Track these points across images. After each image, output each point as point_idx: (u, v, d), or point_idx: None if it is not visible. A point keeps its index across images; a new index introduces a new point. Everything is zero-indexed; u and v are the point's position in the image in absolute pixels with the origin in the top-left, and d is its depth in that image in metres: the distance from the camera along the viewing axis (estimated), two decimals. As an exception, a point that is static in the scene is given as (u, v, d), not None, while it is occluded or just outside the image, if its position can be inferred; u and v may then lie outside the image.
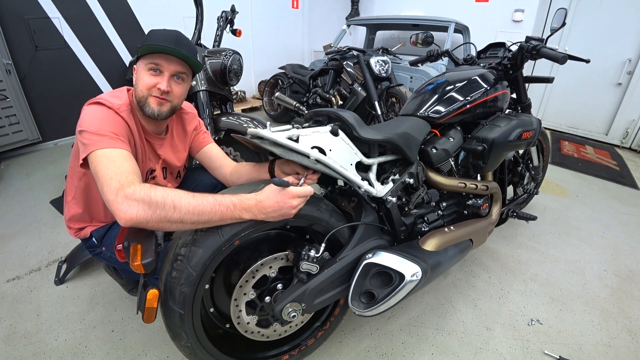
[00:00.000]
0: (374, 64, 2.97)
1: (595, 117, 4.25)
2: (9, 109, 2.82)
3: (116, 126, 0.95)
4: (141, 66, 1.03)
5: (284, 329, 1.13)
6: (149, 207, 0.75)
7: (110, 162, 0.85)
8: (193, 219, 0.79)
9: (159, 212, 0.76)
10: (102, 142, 0.89)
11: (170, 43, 0.99)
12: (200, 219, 0.80)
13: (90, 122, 0.93)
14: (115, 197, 0.76)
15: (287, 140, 0.91)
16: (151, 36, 1.01)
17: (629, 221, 2.37)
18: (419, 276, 1.04)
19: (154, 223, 0.76)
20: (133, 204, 0.75)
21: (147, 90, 1.02)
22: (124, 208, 0.74)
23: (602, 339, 1.42)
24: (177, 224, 0.78)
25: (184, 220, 0.78)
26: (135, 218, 0.74)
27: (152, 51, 0.99)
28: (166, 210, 0.76)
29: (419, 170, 1.25)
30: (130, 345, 1.30)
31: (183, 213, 0.78)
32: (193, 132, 1.31)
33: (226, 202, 0.83)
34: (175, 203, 0.77)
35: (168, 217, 0.77)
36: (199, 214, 0.79)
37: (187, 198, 0.79)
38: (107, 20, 3.32)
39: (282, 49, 5.30)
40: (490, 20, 4.40)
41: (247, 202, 0.85)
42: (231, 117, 1.89)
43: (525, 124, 1.45)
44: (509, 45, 1.70)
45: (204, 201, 0.80)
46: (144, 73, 1.02)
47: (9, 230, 1.95)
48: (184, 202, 0.78)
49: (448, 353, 1.33)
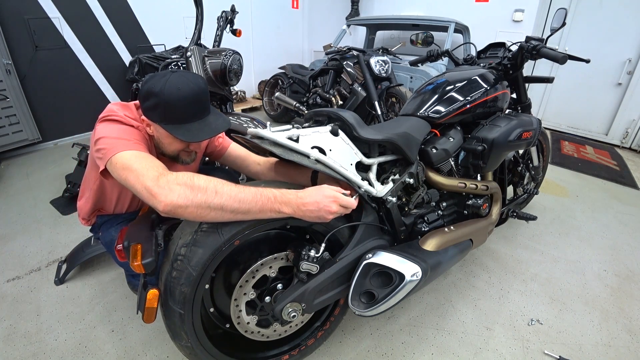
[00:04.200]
0: (374, 64, 2.97)
1: (595, 117, 4.25)
2: (9, 109, 2.82)
3: (137, 136, 0.94)
4: (163, 132, 0.97)
5: (284, 329, 1.13)
6: (191, 190, 0.74)
7: (141, 158, 0.84)
8: (234, 206, 0.78)
9: (200, 196, 0.74)
10: (126, 145, 0.87)
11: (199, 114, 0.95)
12: (241, 207, 0.79)
13: (109, 131, 0.91)
14: (155, 182, 0.74)
15: (287, 140, 0.91)
16: (173, 108, 0.91)
17: (629, 221, 2.37)
18: (419, 276, 1.04)
19: (193, 208, 0.74)
20: (175, 188, 0.73)
21: (178, 152, 1.05)
22: (165, 192, 0.73)
23: (602, 339, 1.42)
24: (216, 210, 0.77)
25: (224, 206, 0.77)
26: (176, 202, 0.72)
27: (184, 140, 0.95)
28: (207, 195, 0.75)
29: (419, 170, 1.25)
30: (130, 345, 1.30)
31: (224, 199, 0.76)
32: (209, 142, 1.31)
33: (267, 193, 0.83)
34: (217, 188, 0.77)
35: (209, 202, 0.75)
36: (240, 202, 0.78)
37: (229, 185, 0.79)
38: (107, 20, 3.33)
39: (282, 49, 5.30)
40: (490, 20, 4.40)
41: (287, 196, 0.85)
42: (231, 117, 1.89)
43: (525, 124, 1.45)
44: (509, 45, 1.70)
45: (245, 190, 0.80)
46: (171, 139, 0.99)
47: (9, 230, 1.95)
48: (226, 189, 0.78)
49: (448, 353, 1.33)
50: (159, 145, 1.05)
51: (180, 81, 0.91)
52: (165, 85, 0.90)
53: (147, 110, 0.95)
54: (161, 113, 0.92)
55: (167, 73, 0.93)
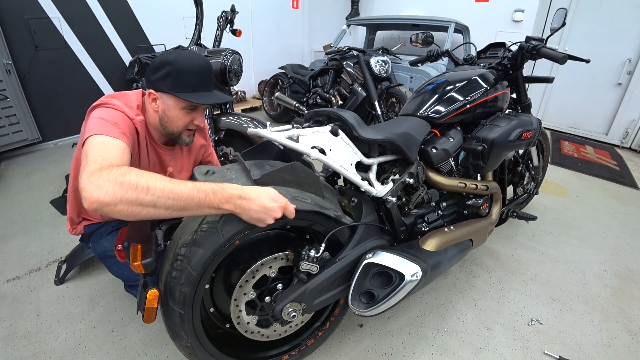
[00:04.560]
0: (374, 64, 2.97)
1: (595, 117, 4.25)
2: (9, 109, 2.82)
3: (124, 124, 0.94)
4: (172, 103, 1.01)
5: (284, 329, 1.13)
6: (120, 187, 0.68)
7: (104, 146, 0.81)
8: (167, 203, 0.72)
9: (130, 193, 0.69)
10: (104, 128, 0.86)
11: (206, 85, 1.03)
12: (176, 204, 0.73)
13: (99, 114, 0.92)
14: (88, 176, 0.69)
15: (287, 140, 0.91)
16: (184, 75, 0.98)
17: (629, 221, 2.37)
18: (419, 276, 1.04)
19: (123, 206, 0.68)
20: (103, 185, 0.68)
21: (183, 127, 1.06)
22: (92, 188, 0.67)
23: (602, 339, 1.42)
24: (149, 208, 0.71)
25: (157, 203, 0.71)
26: (103, 199, 0.66)
27: (195, 102, 1.00)
28: (138, 192, 0.69)
29: (419, 170, 1.25)
30: (130, 345, 1.30)
31: (156, 196, 0.71)
32: (201, 149, 1.32)
33: (205, 188, 0.76)
34: (149, 184, 0.71)
35: (140, 200, 0.69)
36: (174, 199, 0.72)
37: (164, 181, 0.73)
38: (107, 20, 3.33)
39: (282, 49, 5.30)
40: (490, 20, 4.39)
41: (229, 192, 0.78)
42: (231, 117, 1.89)
43: (525, 124, 1.45)
44: (509, 45, 1.70)
45: (181, 185, 0.74)
46: (178, 111, 1.02)
47: (9, 230, 1.95)
48: (159, 184, 0.72)
49: (448, 353, 1.33)
50: (162, 123, 1.05)
51: (191, 54, 1.01)
52: (179, 55, 0.98)
53: (157, 81, 0.99)
54: (173, 81, 0.97)
55: (178, 49, 1.00)
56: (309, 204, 0.94)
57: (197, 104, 1.02)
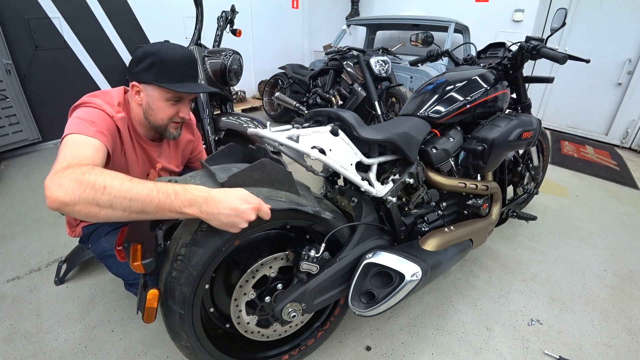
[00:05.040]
0: (374, 64, 2.97)
1: (595, 117, 4.25)
2: (9, 109, 2.82)
3: (103, 122, 0.93)
4: (157, 94, 1.00)
5: (284, 329, 1.13)
6: (79, 186, 0.65)
7: (76, 145, 0.80)
8: (124, 204, 0.67)
9: (88, 192, 0.65)
10: (80, 127, 0.86)
11: (191, 76, 1.02)
12: (133, 205, 0.67)
13: (78, 113, 0.92)
14: (52, 175, 0.67)
15: (287, 140, 0.91)
16: (168, 66, 0.97)
17: (629, 221, 2.37)
18: (419, 276, 1.04)
19: (81, 206, 0.65)
20: (64, 183, 0.65)
21: (168, 119, 1.05)
22: (53, 187, 0.65)
23: (602, 339, 1.42)
24: (106, 209, 0.66)
25: (113, 204, 0.66)
26: (62, 199, 0.64)
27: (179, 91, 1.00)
28: (95, 191, 0.65)
29: (419, 170, 1.25)
30: (130, 345, 1.30)
31: (113, 196, 0.66)
32: (189, 144, 1.31)
33: (167, 189, 0.70)
34: (106, 183, 0.66)
35: (96, 200, 0.65)
36: (131, 200, 0.67)
37: (122, 180, 0.69)
38: (107, 20, 3.33)
39: (282, 49, 5.30)
40: (490, 20, 4.40)
41: (194, 194, 0.72)
42: (231, 117, 1.89)
43: (525, 124, 1.45)
44: (509, 45, 1.70)
45: (140, 185, 0.69)
46: (162, 103, 1.01)
47: (9, 230, 1.95)
48: (117, 183, 0.67)
49: (448, 353, 1.33)
50: (147, 116, 1.04)
51: (175, 45, 1.02)
52: (162, 46, 0.98)
53: (141, 72, 0.98)
54: (157, 72, 0.96)
55: (161, 42, 1.03)
56: (285, 202, 0.88)
57: (182, 93, 1.01)
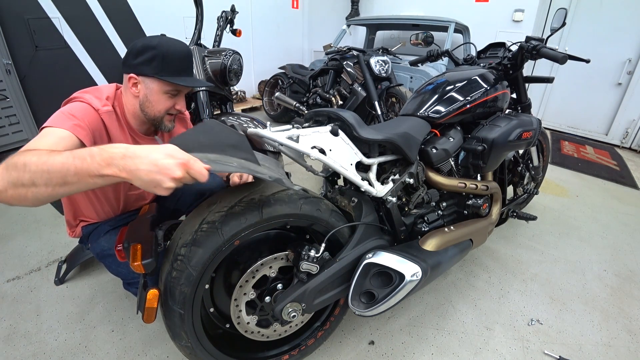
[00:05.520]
0: (374, 64, 2.97)
1: (595, 117, 4.25)
2: (9, 109, 2.82)
3: (85, 116, 0.94)
4: (156, 87, 1.01)
5: (284, 329, 1.13)
6: (6, 170, 0.62)
7: (41, 137, 0.80)
8: (44, 178, 0.62)
9: (13, 175, 0.62)
10: (55, 120, 0.87)
11: (189, 70, 1.04)
12: (52, 178, 0.62)
13: (62, 108, 0.93)
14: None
15: (287, 140, 0.91)
16: (169, 59, 0.98)
17: (629, 221, 2.37)
18: (419, 276, 1.04)
19: (12, 191, 0.62)
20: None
21: (165, 112, 1.06)
22: None
23: (602, 339, 1.42)
24: (31, 187, 0.62)
25: (35, 181, 0.62)
26: None
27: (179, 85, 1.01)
28: (17, 171, 0.62)
29: (419, 170, 1.25)
30: (130, 345, 1.30)
31: (32, 172, 0.62)
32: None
33: (82, 153, 0.64)
34: (26, 161, 0.62)
35: (20, 180, 0.62)
36: (49, 172, 0.62)
37: (41, 154, 0.64)
38: (107, 20, 3.32)
39: (282, 49, 5.30)
40: (490, 20, 4.40)
41: (110, 151, 0.64)
42: (231, 117, 1.89)
43: (525, 124, 1.45)
44: (509, 45, 1.70)
45: (57, 156, 0.64)
46: (161, 95, 1.03)
47: (8, 230, 1.95)
48: (34, 159, 0.63)
49: (448, 353, 1.33)
50: (143, 108, 1.05)
51: (173, 40, 1.02)
52: (162, 40, 0.99)
53: (141, 65, 0.98)
54: (157, 65, 0.97)
55: (158, 35, 1.05)
56: (233, 166, 0.73)
57: (183, 86, 1.03)
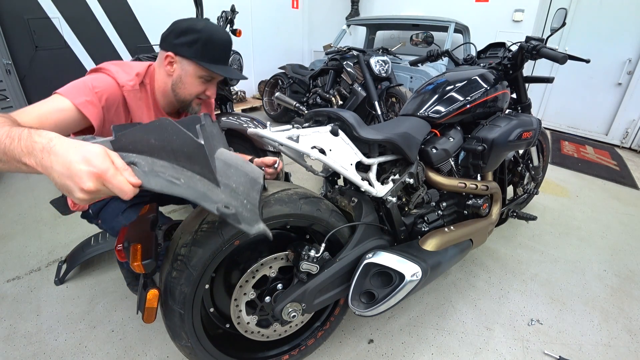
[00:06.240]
0: (374, 64, 2.97)
1: (595, 117, 4.25)
2: (9, 109, 2.82)
3: (104, 90, 0.92)
4: (192, 70, 1.02)
5: (284, 329, 1.13)
6: None
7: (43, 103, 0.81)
8: None
9: None
10: (67, 89, 0.86)
11: (226, 59, 1.05)
12: None
13: (84, 77, 0.93)
14: None
15: (287, 140, 0.91)
16: (211, 46, 0.99)
17: (629, 221, 2.37)
18: (419, 276, 1.04)
19: None
20: None
21: (195, 95, 1.07)
22: None
23: (602, 339, 1.42)
24: None
25: None
26: None
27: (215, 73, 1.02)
28: None
29: (419, 170, 1.25)
30: (130, 345, 1.30)
31: None
32: None
33: (16, 133, 0.57)
34: None
35: None
36: None
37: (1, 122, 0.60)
38: (107, 20, 3.33)
39: (282, 49, 5.31)
40: (490, 20, 4.40)
41: (34, 139, 0.56)
42: (231, 117, 1.89)
43: (525, 124, 1.45)
44: (509, 45, 1.70)
45: (2, 127, 0.58)
46: (195, 79, 1.03)
47: (9, 230, 1.95)
48: None
49: (448, 353, 1.33)
50: (175, 88, 1.05)
51: (217, 27, 1.03)
52: (207, 25, 0.99)
53: (181, 46, 0.98)
54: (199, 49, 0.98)
55: (204, 19, 1.05)
56: (176, 185, 0.59)
57: (219, 75, 1.04)
